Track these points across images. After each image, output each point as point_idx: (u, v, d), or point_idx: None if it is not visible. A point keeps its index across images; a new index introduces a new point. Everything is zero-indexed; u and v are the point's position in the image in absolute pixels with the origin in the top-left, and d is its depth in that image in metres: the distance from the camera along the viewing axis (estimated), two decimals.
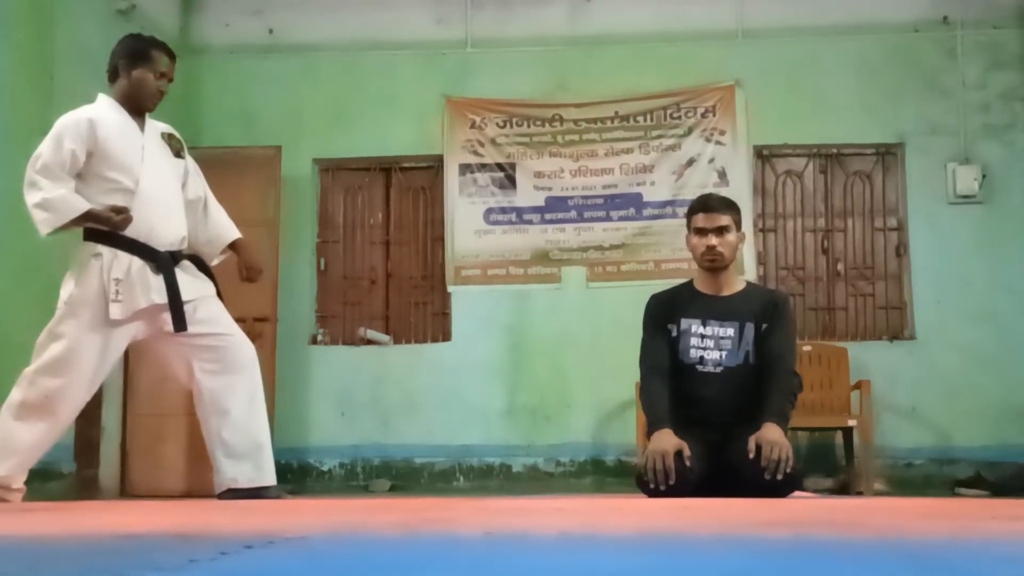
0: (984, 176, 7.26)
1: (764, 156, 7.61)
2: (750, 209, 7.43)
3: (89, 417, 6.91)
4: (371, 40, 7.76)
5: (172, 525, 2.36)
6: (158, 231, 4.07)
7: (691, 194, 7.43)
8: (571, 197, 7.49)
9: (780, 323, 4.04)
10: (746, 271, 7.32)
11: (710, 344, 4.05)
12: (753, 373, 4.01)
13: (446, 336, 7.53)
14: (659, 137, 7.48)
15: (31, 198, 3.95)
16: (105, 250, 3.99)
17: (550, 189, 7.50)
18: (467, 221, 7.53)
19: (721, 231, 4.06)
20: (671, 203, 7.41)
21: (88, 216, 3.93)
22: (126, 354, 6.98)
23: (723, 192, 7.31)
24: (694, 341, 4.07)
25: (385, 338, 7.54)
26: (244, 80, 7.80)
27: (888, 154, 7.55)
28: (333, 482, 7.37)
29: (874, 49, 7.48)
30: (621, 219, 7.44)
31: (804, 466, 5.26)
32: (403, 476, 7.31)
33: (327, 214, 7.86)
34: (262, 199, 7.15)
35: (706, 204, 4.15)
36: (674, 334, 4.10)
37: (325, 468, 7.38)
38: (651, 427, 3.95)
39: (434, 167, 7.75)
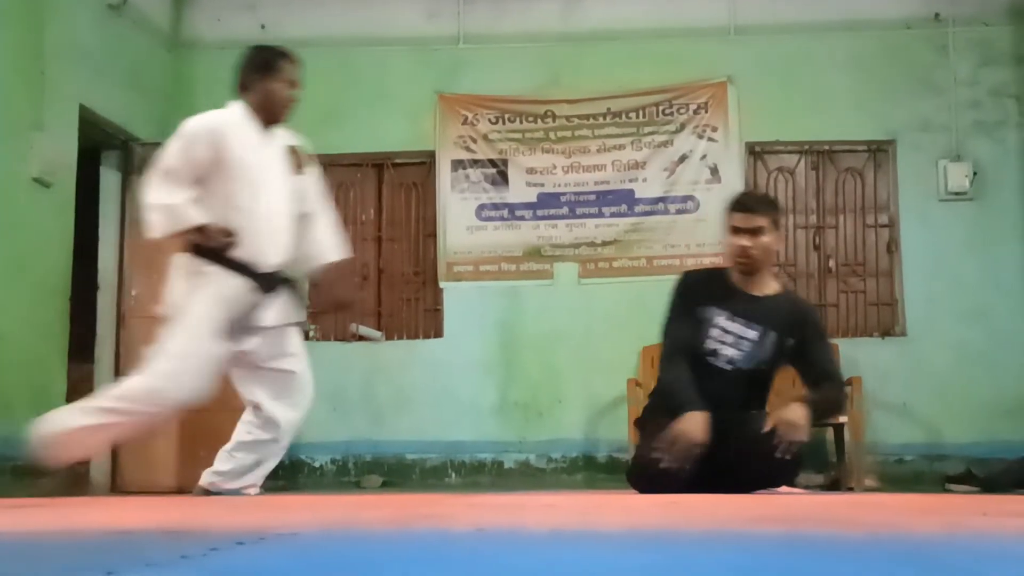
0: (975, 173, 7.27)
1: (756, 153, 7.61)
2: None
3: None
4: (363, 36, 7.75)
5: (163, 521, 2.35)
6: (265, 252, 4.03)
7: (683, 191, 7.45)
8: (563, 193, 7.49)
9: (819, 338, 4.01)
10: None
11: (729, 340, 4.00)
12: (760, 379, 4.00)
13: (438, 332, 7.53)
14: (651, 133, 7.48)
15: (149, 198, 3.96)
16: (212, 269, 3.96)
17: (542, 185, 7.50)
18: (459, 217, 7.52)
19: (756, 232, 3.96)
20: (663, 199, 7.41)
21: (199, 230, 3.90)
22: (116, 350, 7.02)
23: (714, 189, 7.36)
24: (715, 332, 4.01)
25: (377, 334, 7.53)
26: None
27: (879, 151, 7.57)
28: (325, 478, 7.36)
29: (866, 46, 7.49)
30: (613, 215, 7.44)
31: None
32: (395, 472, 7.31)
33: None
34: None
35: (743, 203, 4.05)
36: (699, 318, 4.04)
37: (317, 464, 7.37)
38: (680, 407, 3.85)
39: (426, 163, 7.74)
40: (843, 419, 6.57)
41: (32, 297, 6.00)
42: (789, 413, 3.71)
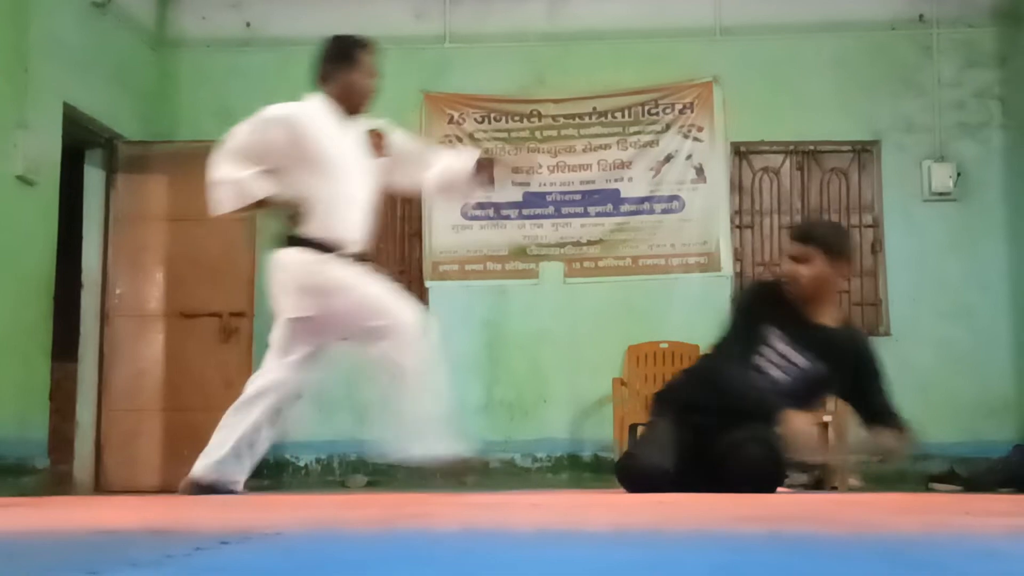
0: (959, 174, 7.31)
1: (741, 153, 7.63)
2: (727, 206, 7.47)
3: (63, 412, 6.88)
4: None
5: (147, 520, 2.35)
6: (346, 239, 4.07)
7: (668, 190, 7.46)
8: (549, 193, 7.49)
9: (875, 376, 3.97)
10: (723, 267, 7.35)
11: (777, 361, 3.99)
12: (798, 405, 4.01)
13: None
14: (637, 133, 7.49)
15: (215, 175, 4.00)
16: (308, 255, 4.00)
17: (528, 184, 7.50)
18: (444, 216, 7.51)
19: (805, 260, 3.92)
20: (648, 199, 7.43)
21: (267, 203, 3.99)
22: (100, 348, 6.99)
23: (699, 189, 7.37)
24: (766, 351, 3.98)
25: None
26: (221, 74, 7.76)
27: (864, 151, 7.59)
28: (309, 478, 7.35)
29: (851, 47, 7.52)
30: (599, 215, 7.45)
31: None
32: (379, 472, 7.30)
33: None
34: None
35: (796, 230, 4.07)
36: (756, 333, 4.00)
37: (301, 464, 7.36)
38: (772, 415, 3.82)
39: None
40: (827, 418, 6.60)
41: (16, 295, 5.97)
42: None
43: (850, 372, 3.95)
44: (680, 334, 7.23)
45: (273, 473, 7.29)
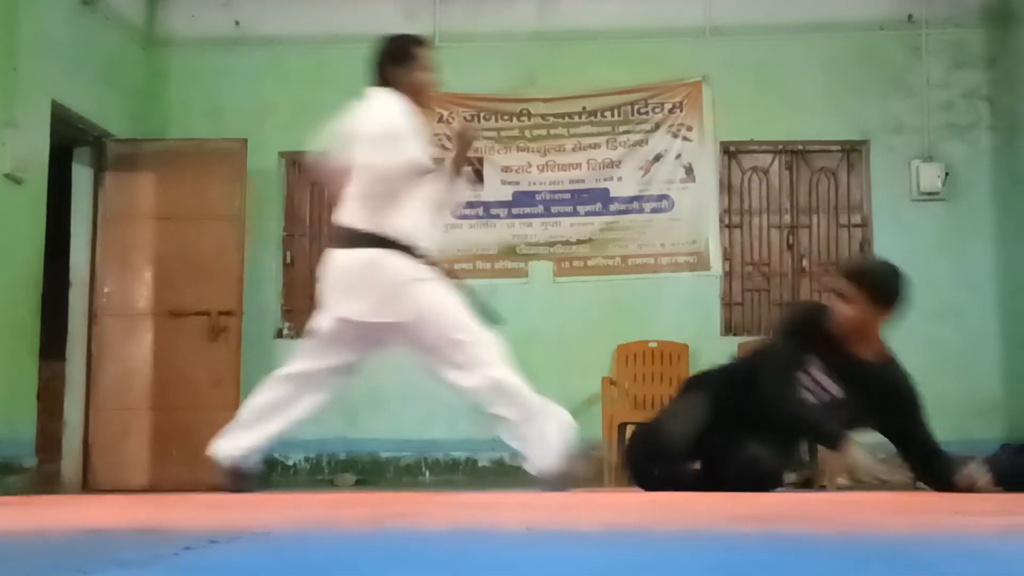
0: (947, 174, 7.33)
1: (731, 152, 7.63)
2: (716, 205, 7.47)
3: (51, 411, 6.86)
4: (339, 33, 7.72)
5: (135, 520, 2.34)
6: (430, 240, 4.11)
7: (658, 190, 7.47)
8: (538, 192, 7.49)
9: (917, 416, 3.97)
10: (712, 266, 7.36)
11: (812, 387, 3.98)
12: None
13: None
14: (626, 132, 7.49)
15: (403, 146, 3.97)
16: (404, 259, 3.99)
17: (517, 184, 7.49)
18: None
19: (841, 296, 3.93)
20: (638, 198, 7.43)
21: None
22: (88, 347, 6.96)
23: (689, 188, 7.37)
24: (803, 377, 3.98)
25: None
26: (210, 72, 7.74)
27: (853, 151, 7.61)
28: (299, 477, 7.34)
29: (840, 47, 7.53)
30: (588, 214, 7.45)
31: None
32: (369, 471, 7.29)
33: (294, 208, 7.81)
34: (228, 192, 7.11)
35: (846, 264, 4.04)
36: (805, 359, 4.00)
37: (290, 463, 7.35)
38: (834, 442, 3.86)
39: None
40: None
41: (3, 294, 5.95)
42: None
43: (887, 408, 3.93)
44: (669, 333, 7.23)
45: (262, 472, 7.26)
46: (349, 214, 4.05)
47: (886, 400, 3.93)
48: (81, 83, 6.74)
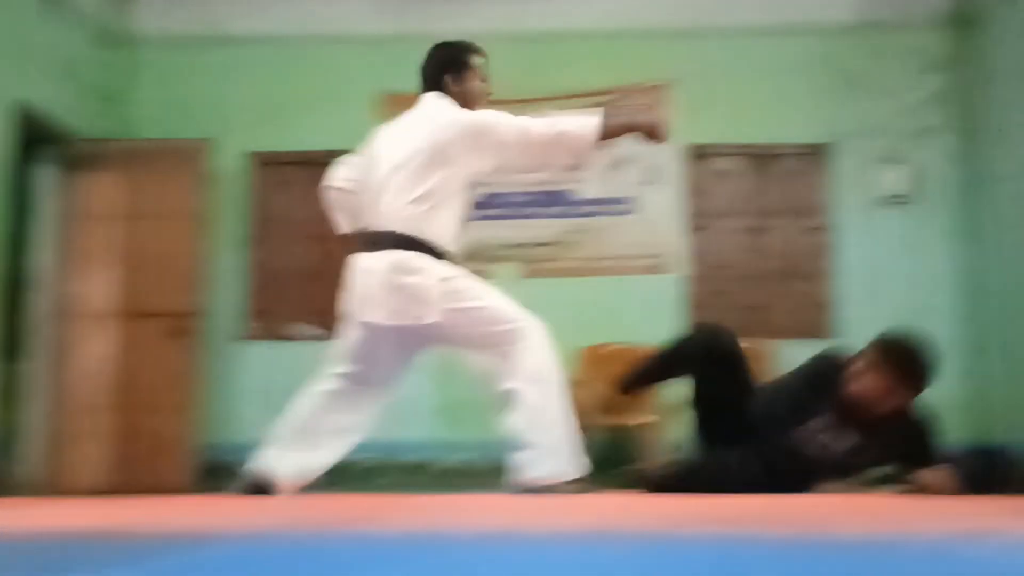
0: (911, 177, 7.39)
1: (696, 155, 7.66)
2: (682, 207, 7.50)
3: (13, 413, 6.79)
4: (307, 32, 7.69)
5: (91, 523, 2.31)
6: (455, 240, 4.13)
7: (624, 192, 7.48)
8: (504, 194, 7.48)
9: (926, 455, 3.97)
10: (677, 269, 7.38)
11: (816, 439, 4.02)
12: (838, 475, 4.05)
13: None
14: None
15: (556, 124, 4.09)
16: (437, 262, 3.98)
17: (484, 185, 7.48)
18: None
19: (866, 366, 3.93)
20: (604, 201, 7.44)
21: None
22: (50, 348, 6.89)
23: (654, 191, 7.38)
24: (812, 425, 4.01)
25: (317, 333, 7.48)
26: (176, 71, 7.69)
27: (817, 154, 7.65)
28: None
29: (805, 50, 7.58)
30: (553, 216, 7.45)
31: None
32: (333, 473, 7.19)
33: (259, 208, 7.77)
34: (193, 192, 7.07)
35: (881, 335, 4.01)
36: (808, 405, 4.04)
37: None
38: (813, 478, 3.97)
39: None
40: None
41: None
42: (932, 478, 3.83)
43: (896, 457, 3.95)
44: (635, 335, 7.23)
45: (224, 475, 7.22)
46: (383, 217, 4.00)
47: (893, 450, 3.93)
48: (44, 82, 6.68)
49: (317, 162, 7.79)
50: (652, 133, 4.08)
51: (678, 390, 7.18)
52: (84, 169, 7.05)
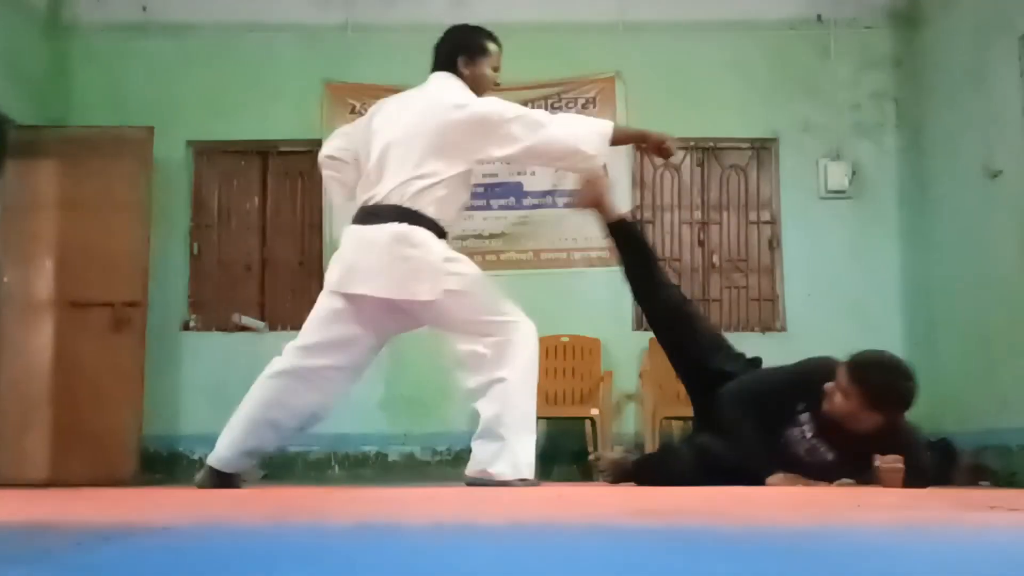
0: (854, 173, 7.47)
1: (643, 148, 7.66)
2: (629, 200, 7.52)
3: None
4: (249, 21, 7.60)
5: (29, 515, 2.26)
6: (455, 223, 4.11)
7: (571, 184, 7.47)
8: None
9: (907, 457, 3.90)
10: None
11: (804, 446, 4.00)
12: (821, 479, 4.06)
13: None
14: None
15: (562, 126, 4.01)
16: (438, 241, 3.94)
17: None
18: (346, 208, 7.40)
19: (840, 389, 3.88)
20: (551, 193, 7.44)
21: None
22: None
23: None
24: (796, 433, 4.00)
25: (260, 325, 7.41)
26: (116, 58, 7.57)
27: (763, 149, 7.71)
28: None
29: (751, 46, 7.63)
30: (501, 208, 7.44)
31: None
32: (276, 466, 7.18)
33: (201, 198, 7.68)
34: (133, 181, 6.96)
35: (855, 358, 3.93)
36: (796, 411, 4.02)
37: (195, 457, 7.20)
38: (760, 468, 3.93)
39: (312, 152, 7.58)
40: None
41: None
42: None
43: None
44: (582, 328, 7.27)
45: (166, 467, 7.14)
46: (384, 191, 3.93)
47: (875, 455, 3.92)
48: None
49: (259, 152, 7.75)
50: (661, 146, 4.08)
51: (629, 383, 7.24)
52: (22, 157, 6.92)
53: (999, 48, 6.31)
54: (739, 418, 4.00)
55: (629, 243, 4.53)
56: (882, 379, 3.87)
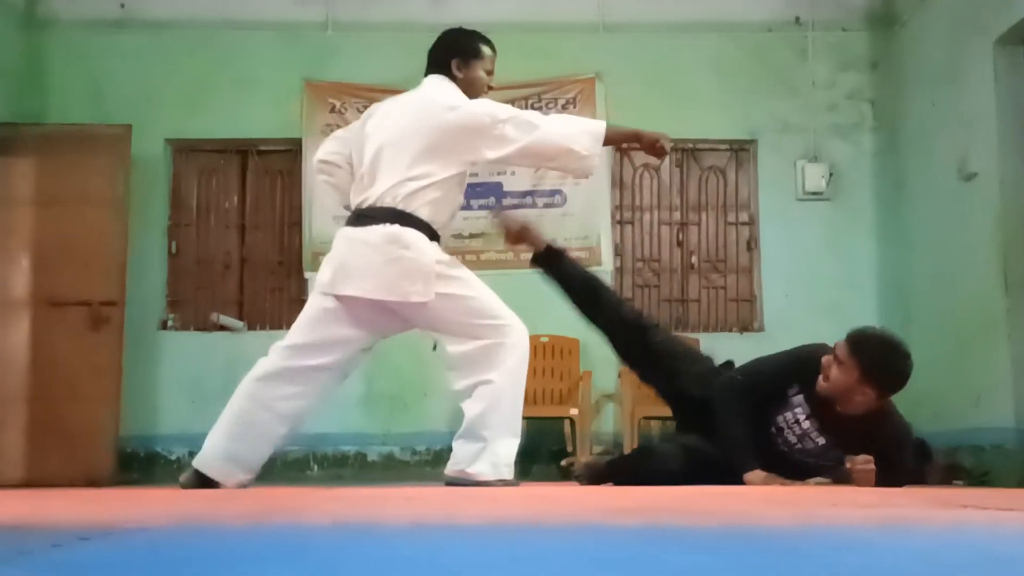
0: (831, 174, 7.51)
1: (623, 148, 7.67)
2: (608, 201, 7.54)
3: None
4: (229, 19, 7.58)
5: (5, 515, 2.25)
6: (447, 227, 4.10)
7: (551, 184, 7.49)
8: None
9: (890, 454, 3.93)
10: (603, 262, 7.41)
11: (796, 431, 4.02)
12: (811, 472, 4.07)
13: None
14: None
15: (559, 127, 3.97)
16: (431, 243, 3.93)
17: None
18: (325, 206, 7.41)
19: (836, 360, 3.92)
20: (531, 193, 7.45)
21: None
22: None
23: (581, 184, 7.37)
24: (788, 417, 4.02)
25: (239, 324, 7.39)
26: (94, 55, 7.53)
27: (741, 150, 7.75)
28: (182, 471, 7.13)
29: (730, 47, 7.66)
30: (481, 208, 7.44)
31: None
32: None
33: (180, 196, 7.65)
34: (111, 179, 6.92)
35: (853, 332, 3.99)
36: (789, 394, 4.04)
37: (173, 457, 7.19)
38: (743, 464, 3.92)
39: (292, 151, 7.61)
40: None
41: None
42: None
43: (868, 452, 3.94)
44: (561, 328, 7.26)
45: (144, 467, 7.11)
46: (377, 193, 3.92)
47: (864, 445, 3.92)
48: None
49: (238, 150, 7.73)
50: (655, 146, 4.09)
51: (608, 383, 7.26)
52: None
53: (974, 51, 6.36)
54: (730, 417, 4.02)
55: (559, 270, 4.55)
56: (880, 351, 3.92)
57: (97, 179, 6.91)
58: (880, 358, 3.89)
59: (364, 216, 3.93)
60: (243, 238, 7.69)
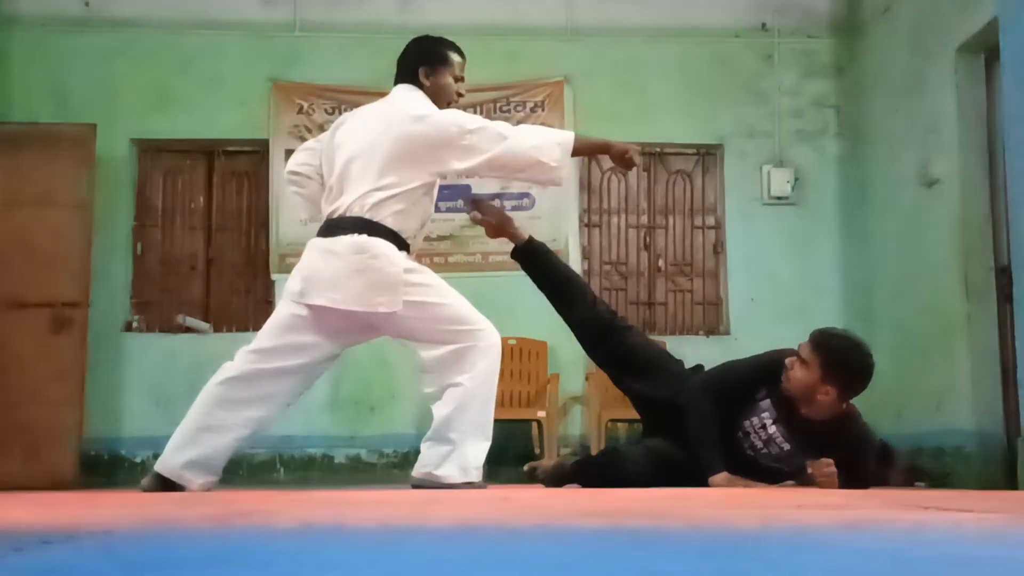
0: (796, 179, 7.57)
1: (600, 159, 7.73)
2: (576, 204, 7.56)
3: None
4: (195, 19, 7.54)
5: None
6: (418, 235, 4.10)
7: (519, 187, 7.50)
8: None
9: (856, 458, 3.95)
10: (571, 265, 7.42)
11: (763, 436, 4.03)
12: (774, 478, 4.08)
13: None
14: None
15: (526, 139, 3.94)
16: (399, 253, 3.91)
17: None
18: (292, 208, 7.37)
19: (799, 359, 3.95)
20: (499, 196, 7.45)
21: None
22: None
23: (549, 187, 7.40)
24: (755, 422, 4.03)
25: (204, 326, 7.35)
26: (57, 54, 7.47)
27: (708, 155, 7.79)
28: (146, 474, 7.09)
29: (697, 53, 7.70)
30: (449, 210, 7.43)
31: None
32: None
33: (145, 197, 7.60)
34: (75, 179, 6.87)
35: (816, 331, 4.03)
36: (756, 398, 4.06)
37: (138, 460, 7.13)
38: (710, 466, 3.94)
39: (259, 152, 7.58)
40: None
41: None
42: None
43: (831, 456, 3.96)
44: (529, 331, 7.28)
45: (108, 470, 7.05)
46: (345, 203, 3.91)
47: (828, 450, 3.94)
48: None
49: (204, 150, 7.68)
50: (624, 156, 4.09)
51: (575, 386, 7.27)
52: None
53: (937, 59, 6.42)
54: (698, 420, 4.04)
55: (537, 265, 4.56)
56: (842, 350, 3.96)
57: (61, 179, 6.85)
58: (841, 356, 3.93)
59: (333, 226, 3.93)
60: (209, 239, 7.65)
